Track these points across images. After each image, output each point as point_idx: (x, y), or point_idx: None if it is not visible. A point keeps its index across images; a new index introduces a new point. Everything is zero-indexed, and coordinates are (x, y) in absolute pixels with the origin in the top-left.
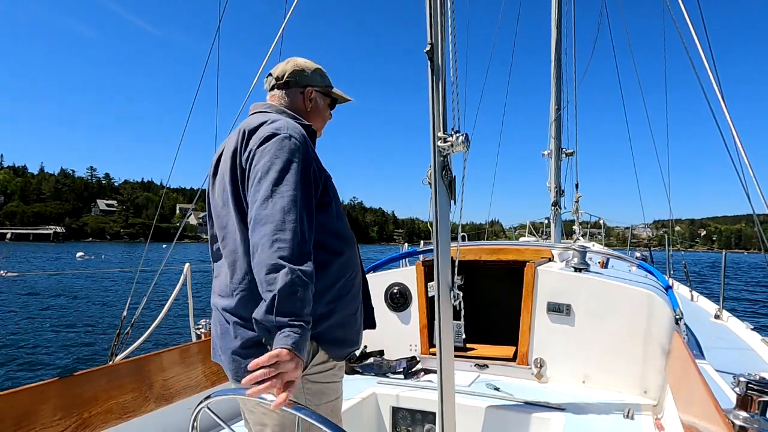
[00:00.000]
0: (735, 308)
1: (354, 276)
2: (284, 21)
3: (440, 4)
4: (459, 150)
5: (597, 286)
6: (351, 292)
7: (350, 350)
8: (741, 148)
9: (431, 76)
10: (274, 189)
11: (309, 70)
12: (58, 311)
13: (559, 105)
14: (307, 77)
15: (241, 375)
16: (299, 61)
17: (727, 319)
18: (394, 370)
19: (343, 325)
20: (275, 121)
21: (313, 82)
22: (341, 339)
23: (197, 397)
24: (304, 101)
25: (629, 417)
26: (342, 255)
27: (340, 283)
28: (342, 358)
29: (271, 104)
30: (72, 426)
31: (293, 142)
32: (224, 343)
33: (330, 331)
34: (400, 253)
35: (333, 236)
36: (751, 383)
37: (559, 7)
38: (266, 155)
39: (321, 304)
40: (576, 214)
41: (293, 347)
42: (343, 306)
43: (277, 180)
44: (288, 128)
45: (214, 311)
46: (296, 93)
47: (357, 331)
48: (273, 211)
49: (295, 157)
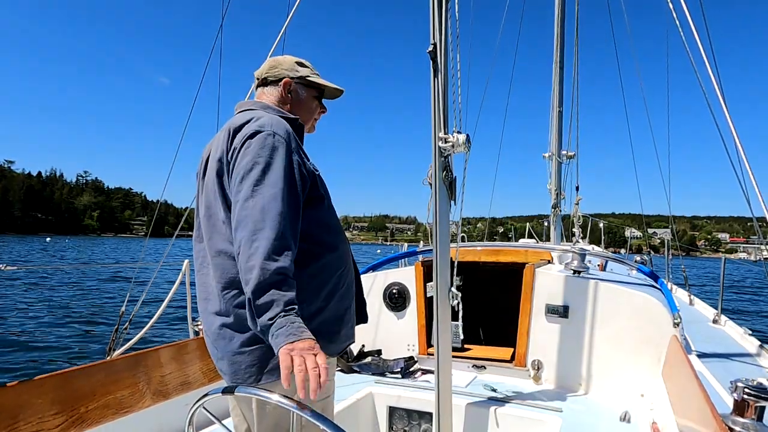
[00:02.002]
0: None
1: (347, 270)
2: (286, 21)
3: (445, 5)
4: (460, 150)
5: (596, 289)
6: (345, 287)
7: (345, 345)
8: (741, 149)
9: (433, 76)
10: (255, 189)
11: (285, 63)
12: (56, 305)
13: (561, 107)
14: (283, 70)
15: (241, 376)
16: (277, 57)
17: (725, 324)
18: (391, 370)
19: (338, 319)
20: (259, 118)
21: (291, 74)
22: (336, 334)
23: (194, 394)
24: (284, 94)
25: (626, 420)
26: (337, 250)
27: (335, 277)
28: (336, 354)
29: (255, 101)
30: (68, 421)
31: (277, 139)
32: (220, 348)
33: (325, 326)
34: (400, 253)
35: (327, 231)
36: (748, 388)
37: (562, 8)
38: (249, 154)
39: (318, 300)
40: (576, 216)
41: (288, 342)
42: (338, 300)
43: (259, 179)
44: (272, 125)
45: (203, 316)
46: (276, 88)
47: (352, 325)
48: (252, 212)
49: (278, 155)
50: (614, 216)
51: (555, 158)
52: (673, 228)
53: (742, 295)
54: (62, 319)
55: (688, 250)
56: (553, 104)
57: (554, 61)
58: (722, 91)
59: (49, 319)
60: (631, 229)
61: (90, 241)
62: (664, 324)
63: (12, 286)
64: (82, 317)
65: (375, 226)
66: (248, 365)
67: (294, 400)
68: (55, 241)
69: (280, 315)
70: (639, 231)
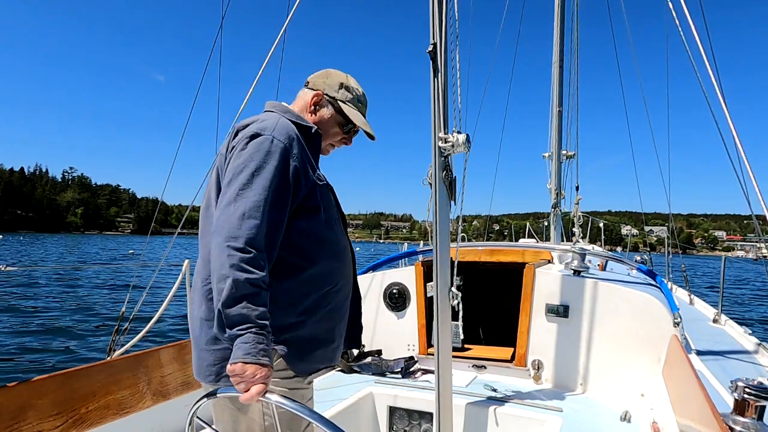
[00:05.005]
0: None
1: (337, 290)
2: (286, 21)
3: (445, 5)
4: (460, 150)
5: (596, 289)
6: (330, 307)
7: (319, 368)
8: (741, 148)
9: (433, 76)
10: (239, 193)
11: (330, 78)
12: (56, 305)
13: (561, 107)
14: (324, 83)
15: (203, 373)
16: (331, 70)
17: (725, 324)
18: (391, 370)
19: (315, 339)
20: (265, 120)
21: (327, 90)
22: (308, 354)
23: (195, 394)
24: (310, 104)
25: (626, 420)
26: (321, 264)
27: (318, 294)
28: (305, 374)
29: (279, 103)
30: (69, 421)
31: (275, 144)
32: (194, 340)
33: (296, 342)
34: (400, 253)
35: (316, 244)
36: (748, 388)
37: (562, 9)
38: (242, 156)
39: (291, 314)
40: (576, 216)
41: (243, 358)
42: (319, 320)
43: (245, 184)
44: (275, 128)
45: (189, 308)
46: (308, 93)
47: (333, 349)
48: (231, 218)
49: (272, 159)
50: (610, 214)
51: (555, 158)
52: (671, 226)
53: (743, 295)
54: (62, 320)
55: (685, 248)
56: (552, 104)
57: (554, 60)
58: (722, 91)
59: (50, 320)
60: (627, 226)
61: (70, 238)
62: (665, 323)
63: (12, 286)
64: (82, 317)
65: (370, 224)
66: (210, 364)
67: (296, 401)
68: (28, 238)
69: (252, 331)
70: (635, 228)
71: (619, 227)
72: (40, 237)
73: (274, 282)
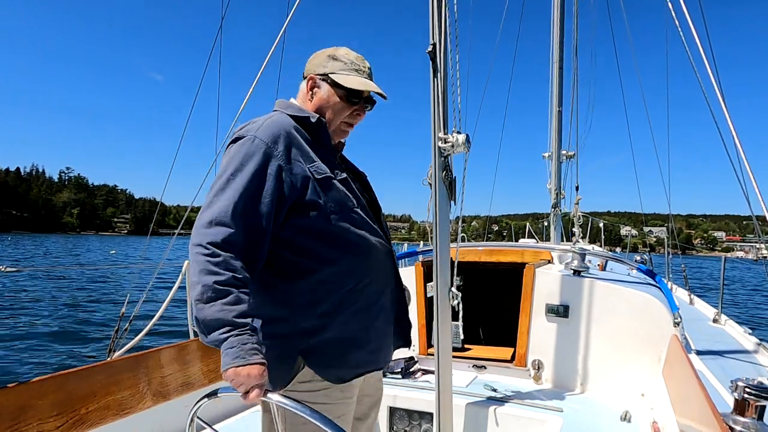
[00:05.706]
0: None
1: (363, 288)
2: (286, 21)
3: (444, 4)
4: (460, 151)
5: (596, 289)
6: (358, 306)
7: (358, 373)
8: (741, 149)
9: (433, 76)
10: (214, 198)
11: (317, 58)
12: (56, 306)
13: (561, 106)
14: (312, 65)
15: None
16: (319, 51)
17: (725, 323)
18: (391, 370)
19: (345, 342)
20: (253, 122)
21: (316, 70)
22: (339, 358)
23: (195, 395)
24: (306, 92)
25: (626, 420)
26: (338, 263)
27: (339, 294)
28: (337, 380)
29: (283, 100)
30: (69, 422)
31: (256, 144)
32: None
33: (322, 347)
34: (400, 253)
35: (326, 243)
36: (748, 388)
37: (561, 8)
38: (223, 161)
39: (310, 317)
40: (576, 216)
41: (233, 363)
42: (345, 321)
43: (222, 187)
44: (260, 128)
45: None
46: (303, 82)
47: (372, 350)
48: (204, 223)
49: (252, 161)
50: (610, 214)
51: (555, 158)
52: (671, 226)
53: (743, 294)
54: (62, 320)
55: (685, 248)
56: (552, 104)
57: (553, 60)
58: (722, 92)
59: (49, 320)
60: (626, 227)
61: (65, 239)
62: (665, 323)
63: (11, 286)
64: (81, 318)
65: None
66: None
67: (298, 402)
68: (16, 239)
69: (233, 334)
70: (634, 229)
71: (619, 228)
72: (30, 237)
73: (283, 284)
